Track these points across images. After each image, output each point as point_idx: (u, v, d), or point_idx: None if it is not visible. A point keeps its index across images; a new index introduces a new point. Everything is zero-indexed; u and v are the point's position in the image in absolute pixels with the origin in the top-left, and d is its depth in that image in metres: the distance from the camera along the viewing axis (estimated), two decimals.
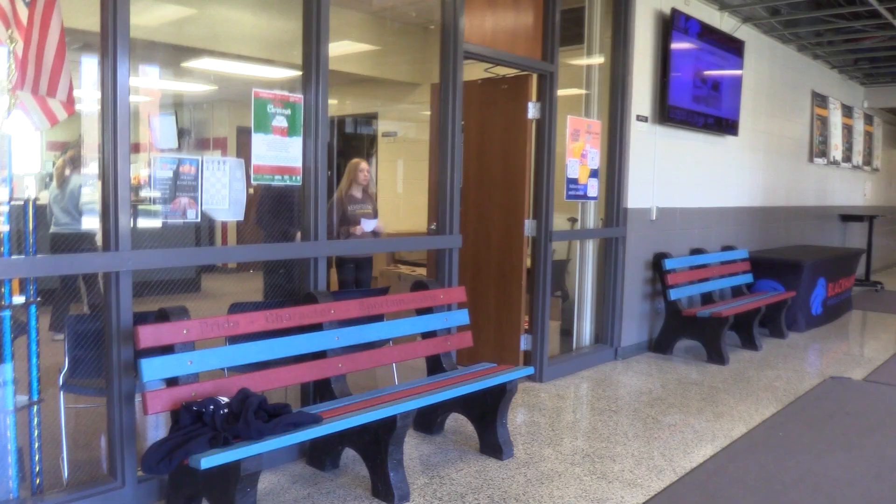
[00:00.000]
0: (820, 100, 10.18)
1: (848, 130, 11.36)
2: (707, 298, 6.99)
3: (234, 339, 3.41)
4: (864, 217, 11.54)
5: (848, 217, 11.46)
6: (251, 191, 3.68)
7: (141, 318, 3.16)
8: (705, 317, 6.22)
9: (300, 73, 3.87)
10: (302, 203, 3.90)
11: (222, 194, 3.55)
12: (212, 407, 2.93)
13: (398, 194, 9.10)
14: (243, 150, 3.66)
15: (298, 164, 3.83)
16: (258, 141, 3.65)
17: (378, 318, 4.03)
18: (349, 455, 3.82)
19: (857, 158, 11.88)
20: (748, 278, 7.52)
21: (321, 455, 3.73)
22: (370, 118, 9.51)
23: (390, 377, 4.74)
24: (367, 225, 5.44)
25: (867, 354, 6.81)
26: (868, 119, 12.37)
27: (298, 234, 4.82)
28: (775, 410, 4.93)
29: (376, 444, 3.37)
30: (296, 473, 3.70)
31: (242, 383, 3.21)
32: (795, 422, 4.71)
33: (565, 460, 3.96)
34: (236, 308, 3.64)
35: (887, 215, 13.92)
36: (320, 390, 3.76)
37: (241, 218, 3.69)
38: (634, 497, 3.51)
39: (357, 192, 5.68)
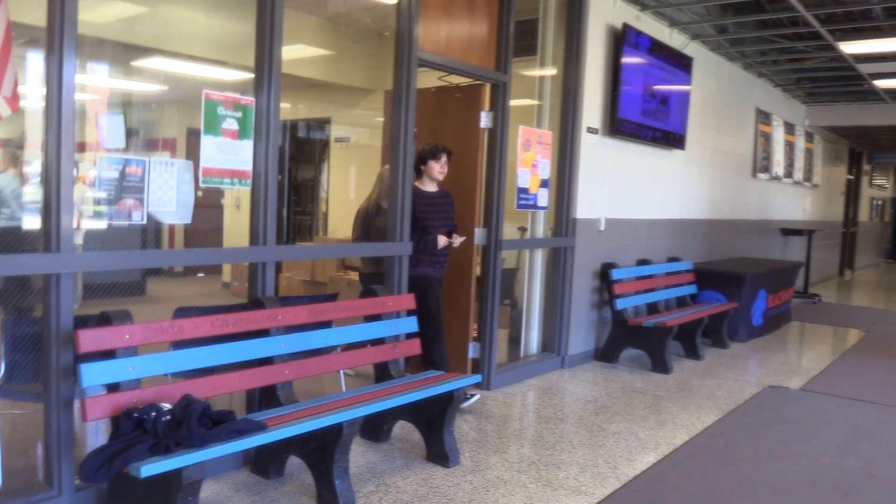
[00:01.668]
0: (764, 117, 10.49)
1: (790, 147, 11.73)
2: (652, 308, 7.13)
3: (179, 345, 3.35)
4: (803, 231, 11.91)
5: (788, 231, 11.82)
6: (199, 193, 3.63)
7: (82, 322, 3.08)
8: (650, 326, 6.34)
9: (252, 75, 3.84)
10: (251, 207, 3.86)
11: (169, 196, 3.49)
12: (153, 413, 2.87)
13: (350, 200, 9.06)
14: (193, 152, 3.61)
15: (249, 167, 3.79)
16: (208, 143, 3.60)
17: (326, 324, 4.01)
18: (294, 463, 3.78)
19: (798, 174, 12.27)
20: (692, 289, 7.70)
21: (266, 463, 3.68)
22: (323, 123, 9.46)
23: (338, 384, 4.71)
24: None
25: (804, 364, 7.03)
26: (809, 136, 12.79)
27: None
28: (716, 418, 5.05)
29: (322, 451, 3.34)
30: (239, 481, 3.65)
31: (186, 389, 3.16)
32: (735, 430, 4.83)
33: (511, 468, 3.99)
34: (182, 313, 3.57)
35: (825, 230, 14.41)
36: (266, 397, 3.72)
37: (189, 221, 3.63)
38: None
39: (385, 203, 5.40)
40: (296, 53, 7.54)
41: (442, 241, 4.85)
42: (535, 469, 3.99)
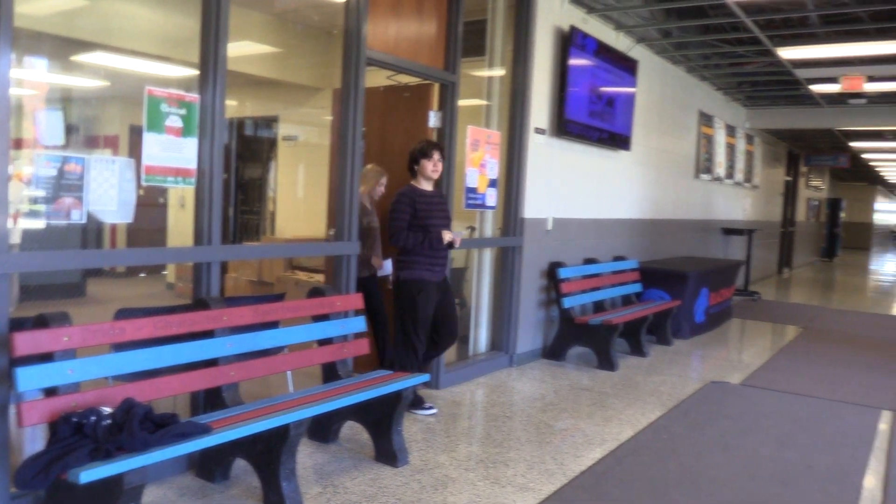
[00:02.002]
0: (706, 119, 10.75)
1: (731, 149, 12.04)
2: (599, 307, 7.24)
3: (121, 347, 3.28)
4: (744, 231, 12.24)
5: (729, 230, 12.13)
6: (141, 192, 3.55)
7: (18, 325, 2.99)
8: (597, 324, 6.45)
9: (197, 72, 3.77)
10: (196, 206, 3.80)
11: (110, 195, 3.41)
12: (93, 418, 2.80)
13: (298, 199, 8.98)
14: (136, 150, 3.53)
15: (193, 165, 3.72)
16: (150, 141, 3.53)
17: (273, 324, 3.96)
18: (240, 465, 3.73)
19: (739, 176, 12.61)
20: (637, 288, 7.84)
21: (211, 466, 3.63)
22: (270, 121, 9.35)
23: (285, 385, 4.66)
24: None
25: (745, 360, 7.23)
26: (749, 139, 13.16)
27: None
28: (660, 414, 5.16)
29: (268, 453, 3.31)
30: (184, 486, 3.58)
31: (128, 393, 3.09)
32: (678, 424, 4.94)
33: (460, 466, 4.01)
34: (123, 314, 3.49)
35: (765, 230, 14.83)
36: (211, 399, 3.66)
37: (131, 220, 3.55)
38: (526, 500, 3.59)
39: (368, 204, 5.39)
40: (242, 50, 7.43)
41: (447, 235, 4.74)
42: (483, 467, 4.02)
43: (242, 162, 9.58)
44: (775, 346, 8.03)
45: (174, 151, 3.62)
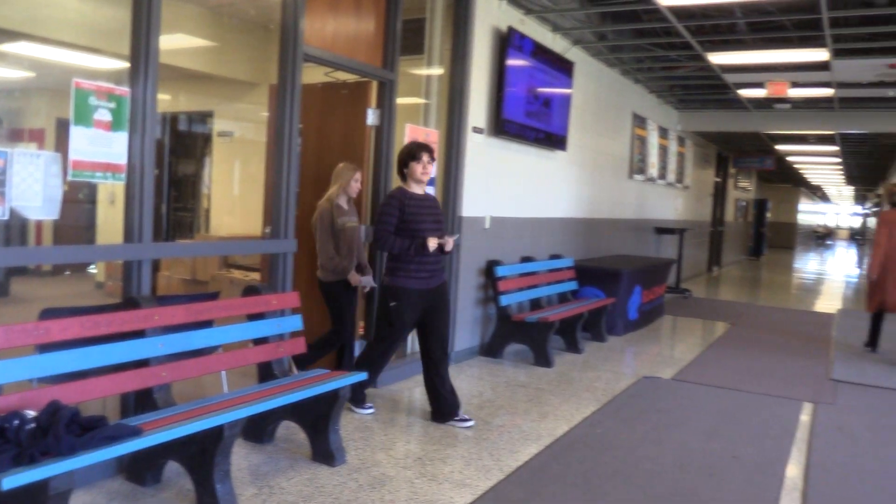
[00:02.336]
0: (640, 121, 11.00)
1: (663, 150, 12.36)
2: (535, 304, 7.33)
3: (46, 348, 3.17)
4: (675, 230, 12.57)
5: (662, 230, 12.45)
6: (66, 188, 3.44)
7: None
8: (533, 322, 6.53)
9: (128, 64, 3.67)
10: (126, 203, 3.70)
11: (35, 190, 3.30)
12: (17, 422, 2.70)
13: (234, 196, 8.82)
14: (63, 144, 3.41)
15: (123, 161, 3.62)
16: (78, 134, 3.42)
17: (207, 324, 3.89)
18: (173, 468, 3.65)
19: (671, 176, 12.95)
20: (573, 285, 7.98)
21: (142, 469, 3.54)
22: (205, 116, 9.15)
23: (219, 385, 4.58)
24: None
25: (676, 356, 7.43)
26: (681, 141, 13.52)
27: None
28: (595, 409, 5.26)
29: (202, 455, 3.25)
30: (113, 490, 3.49)
31: (54, 395, 2.98)
32: (612, 419, 5.05)
33: (397, 464, 4.02)
34: (48, 314, 3.37)
35: (695, 229, 15.27)
36: (142, 401, 3.58)
37: (56, 216, 3.43)
38: (463, 497, 3.62)
39: (344, 203, 5.18)
40: (175, 43, 7.25)
41: (432, 242, 4.53)
42: (421, 464, 4.03)
43: (176, 157, 9.35)
44: (705, 342, 8.28)
45: (103, 146, 3.52)
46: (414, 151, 4.60)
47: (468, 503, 3.56)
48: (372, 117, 5.43)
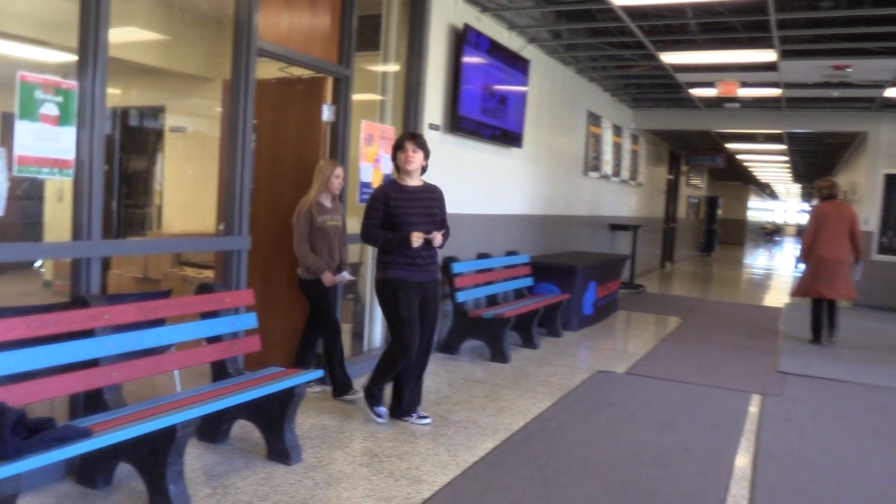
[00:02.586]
0: (594, 119, 11.13)
1: (617, 148, 12.53)
2: (492, 300, 7.38)
3: None
4: (629, 226, 12.77)
5: (616, 226, 12.62)
6: (10, 184, 3.34)
7: None
8: (490, 318, 6.57)
9: (76, 57, 3.59)
10: (74, 199, 3.61)
11: None
12: None
13: (187, 193, 8.67)
14: (8, 139, 3.32)
15: (71, 156, 3.54)
16: (23, 129, 3.32)
17: (159, 322, 3.83)
18: (124, 470, 3.58)
19: (625, 174, 13.14)
20: (529, 281, 8.05)
21: (92, 472, 3.46)
22: (157, 111, 8.97)
23: (172, 385, 4.52)
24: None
25: (630, 350, 7.55)
26: (634, 139, 13.73)
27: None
28: (550, 403, 5.32)
29: (154, 456, 3.20)
30: (62, 493, 3.41)
31: (0, 397, 2.91)
32: (567, 413, 5.11)
33: (354, 461, 4.01)
34: None
35: (649, 225, 15.52)
36: (92, 401, 3.50)
37: (1, 213, 3.34)
38: (420, 493, 3.63)
39: (327, 201, 5.07)
40: (126, 36, 7.09)
41: (416, 238, 4.39)
42: (378, 461, 4.03)
43: (126, 153, 9.15)
44: (658, 336, 8.43)
45: (50, 141, 3.43)
46: (399, 140, 4.58)
47: (425, 499, 3.57)
48: (327, 113, 5.39)
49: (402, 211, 4.46)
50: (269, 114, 5.54)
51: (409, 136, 4.59)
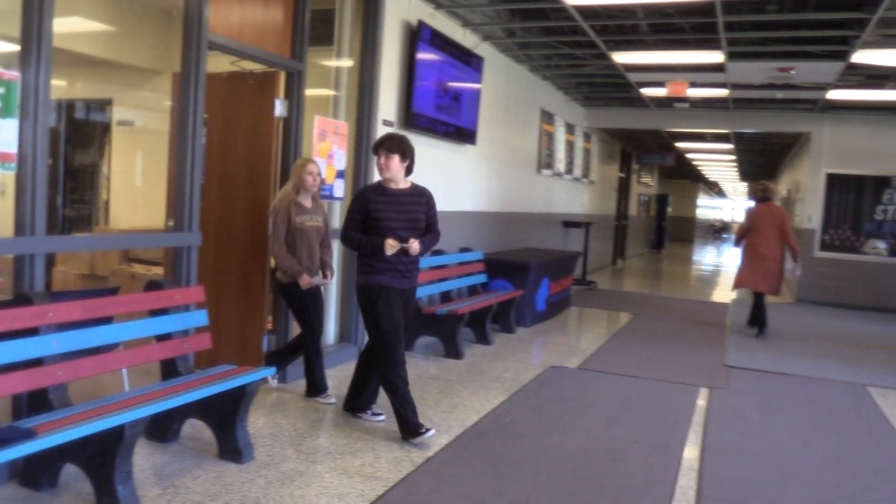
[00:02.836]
0: (547, 117, 11.23)
1: (570, 146, 12.67)
2: (445, 297, 7.40)
3: None
4: (581, 224, 12.92)
5: (568, 223, 12.76)
6: None
7: None
8: (443, 314, 6.59)
9: (18, 47, 3.48)
10: (16, 193, 3.51)
11: None
12: None
13: (135, 188, 8.49)
14: None
15: (13, 149, 3.43)
16: None
17: (106, 320, 3.74)
18: (70, 471, 3.50)
19: (577, 171, 13.29)
20: (483, 278, 8.09)
21: (37, 473, 3.37)
22: (104, 104, 8.76)
23: (120, 384, 4.42)
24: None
25: (582, 345, 7.65)
26: (587, 137, 13.89)
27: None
28: (504, 399, 5.36)
29: (102, 457, 3.13)
30: (6, 496, 3.32)
31: None
32: (521, 408, 5.16)
33: (307, 459, 3.98)
34: None
35: (600, 223, 15.73)
36: (36, 402, 3.41)
37: None
38: (374, 489, 3.63)
39: (306, 200, 4.90)
40: (71, 26, 6.91)
41: (389, 246, 4.23)
42: (331, 459, 4.01)
43: (72, 147, 8.92)
44: (609, 332, 8.56)
45: None
46: (374, 147, 4.47)
47: (379, 496, 3.57)
48: (280, 108, 5.34)
49: (380, 215, 4.31)
50: (220, 108, 5.46)
51: (379, 144, 4.43)
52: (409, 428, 4.31)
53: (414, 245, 4.31)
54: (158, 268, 6.82)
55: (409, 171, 4.50)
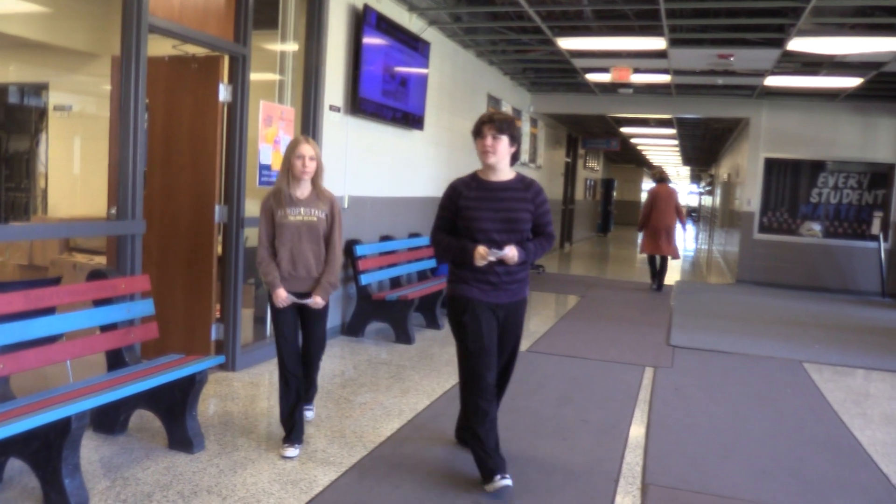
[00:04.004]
0: (494, 102, 11.28)
1: None
2: (395, 282, 7.42)
3: None
4: None
5: None
6: None
7: None
8: (393, 300, 6.61)
9: None
10: None
11: None
12: None
13: (74, 175, 8.25)
14: None
15: None
16: None
17: (48, 311, 3.66)
18: (15, 466, 3.42)
19: (525, 157, 13.40)
20: (432, 263, 8.12)
21: None
22: (40, 88, 8.47)
23: (65, 376, 4.33)
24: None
25: (531, 328, 7.75)
26: (534, 122, 14.00)
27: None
28: (454, 382, 5.41)
29: (47, 450, 3.07)
30: None
31: None
32: None
33: (259, 447, 3.97)
34: None
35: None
36: None
37: None
38: (327, 475, 3.64)
39: (297, 189, 3.92)
40: (3, 7, 6.66)
41: (479, 255, 3.44)
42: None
43: (6, 133, 8.61)
44: (557, 315, 8.70)
45: None
46: (476, 126, 3.68)
47: (332, 480, 3.58)
48: (224, 93, 5.25)
49: (470, 213, 3.54)
50: (162, 93, 5.35)
51: (484, 121, 3.61)
52: (481, 471, 3.53)
53: (511, 253, 3.46)
54: (101, 257, 6.66)
55: (515, 158, 3.74)
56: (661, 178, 11.18)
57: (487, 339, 3.55)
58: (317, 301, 3.96)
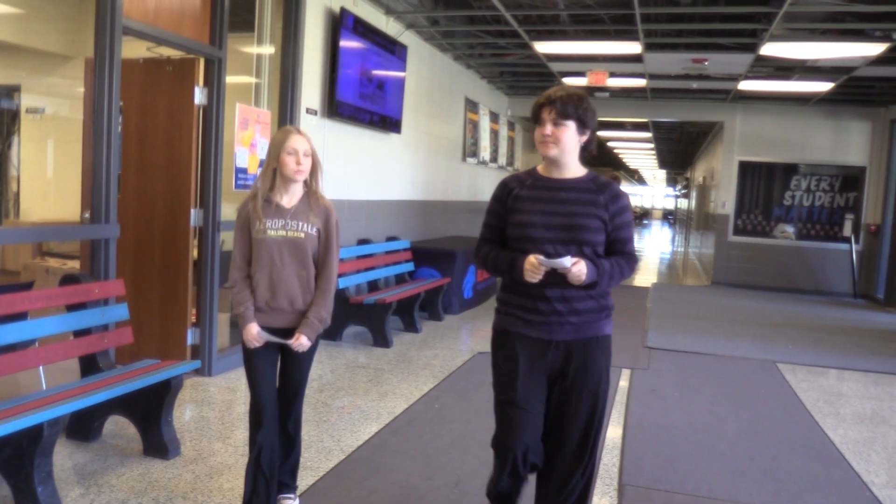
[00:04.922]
0: (472, 106, 11.31)
1: (494, 134, 12.79)
2: (373, 286, 7.40)
3: None
4: None
5: None
6: None
7: None
8: (371, 303, 6.59)
9: None
10: None
11: None
12: None
13: (47, 179, 8.15)
14: None
15: None
16: None
17: (20, 316, 3.61)
18: None
19: (502, 159, 13.45)
20: (410, 266, 8.12)
21: None
22: (11, 91, 8.36)
23: (37, 382, 4.27)
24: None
25: None
26: (511, 126, 14.05)
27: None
28: (432, 385, 5.42)
29: (19, 458, 3.03)
30: None
31: None
32: (449, 394, 5.23)
33: (236, 452, 3.94)
34: None
35: None
36: None
37: None
38: (304, 480, 3.62)
39: (282, 195, 3.12)
40: None
41: (530, 268, 2.57)
42: None
43: None
44: None
45: None
46: (534, 110, 2.79)
47: (310, 485, 3.57)
48: (200, 96, 5.21)
49: (519, 217, 2.68)
50: (137, 96, 5.30)
51: (546, 101, 2.72)
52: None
53: (575, 268, 2.53)
54: (75, 261, 6.58)
55: (586, 150, 2.82)
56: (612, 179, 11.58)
57: (522, 390, 2.65)
58: (300, 342, 3.00)
